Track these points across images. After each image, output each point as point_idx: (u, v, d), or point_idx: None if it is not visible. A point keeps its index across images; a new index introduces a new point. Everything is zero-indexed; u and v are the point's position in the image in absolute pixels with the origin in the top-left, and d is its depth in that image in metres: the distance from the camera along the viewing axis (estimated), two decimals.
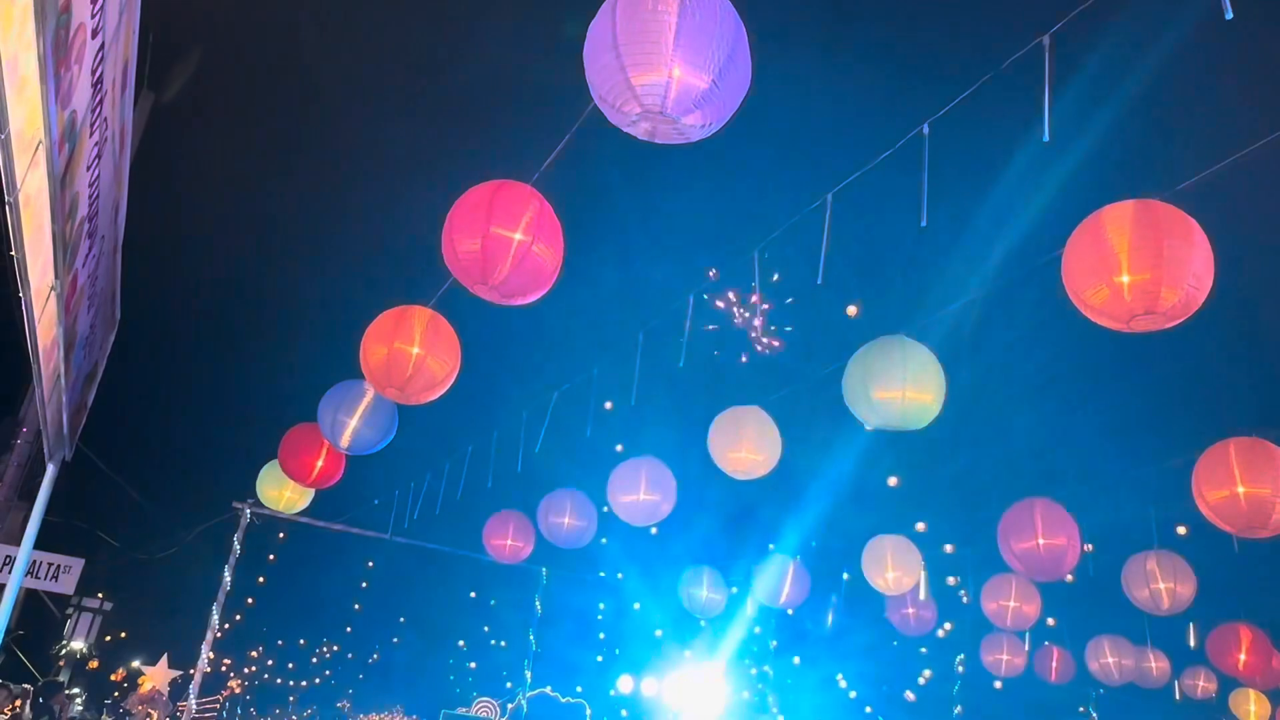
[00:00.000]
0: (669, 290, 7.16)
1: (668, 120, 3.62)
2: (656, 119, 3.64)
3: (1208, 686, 13.47)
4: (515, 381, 10.11)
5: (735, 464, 6.65)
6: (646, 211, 8.43)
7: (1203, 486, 5.96)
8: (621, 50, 3.48)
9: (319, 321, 12.00)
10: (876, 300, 7.56)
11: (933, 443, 7.80)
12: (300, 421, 8.27)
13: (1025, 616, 10.07)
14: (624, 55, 3.48)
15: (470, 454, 9.43)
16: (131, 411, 12.93)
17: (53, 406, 7.30)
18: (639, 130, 3.76)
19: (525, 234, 4.69)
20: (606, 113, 3.77)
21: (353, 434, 6.70)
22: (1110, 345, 5.64)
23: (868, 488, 11.60)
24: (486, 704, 18.86)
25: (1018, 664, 12.57)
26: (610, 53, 3.53)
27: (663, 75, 3.44)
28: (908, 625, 11.45)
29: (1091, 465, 10.28)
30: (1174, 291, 4.06)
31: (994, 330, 7.74)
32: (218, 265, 11.86)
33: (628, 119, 3.70)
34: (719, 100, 3.62)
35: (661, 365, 8.42)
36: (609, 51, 3.53)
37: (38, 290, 5.11)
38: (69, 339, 6.52)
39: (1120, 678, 11.93)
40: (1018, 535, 7.37)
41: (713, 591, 11.23)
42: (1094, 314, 4.21)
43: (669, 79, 3.45)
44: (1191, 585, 8.52)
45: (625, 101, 3.61)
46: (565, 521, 8.97)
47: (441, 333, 5.86)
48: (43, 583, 10.60)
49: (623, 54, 3.48)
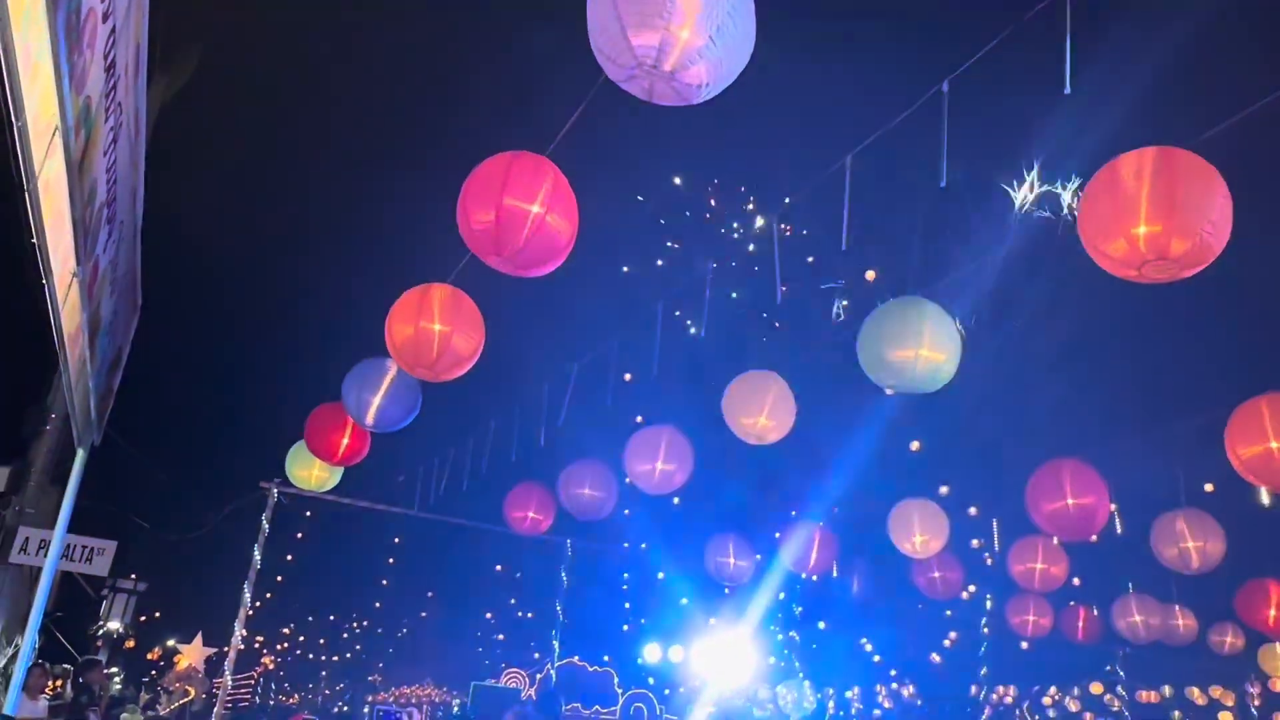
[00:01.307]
0: (687, 259, 7.12)
1: (664, 77, 3.59)
2: (653, 75, 3.61)
3: (1235, 642, 13.41)
4: (536, 355, 10.13)
5: (749, 429, 6.63)
6: (664, 180, 8.38)
7: (1236, 443, 5.90)
8: (620, 6, 3.46)
9: (342, 300, 12.05)
10: (897, 262, 7.49)
11: (958, 406, 7.74)
12: (326, 400, 8.32)
13: (1053, 578, 10.05)
14: (622, 11, 3.46)
15: (493, 428, 9.47)
16: (158, 395, 13.08)
17: (79, 392, 7.38)
18: (636, 88, 3.73)
19: (540, 205, 4.67)
20: (605, 68, 3.74)
21: (377, 411, 6.74)
22: (1139, 303, 5.56)
23: (893, 453, 11.58)
24: (515, 674, 19.07)
25: (1044, 625, 12.56)
26: (609, 9, 3.51)
27: (659, 32, 3.42)
28: (934, 589, 11.45)
29: (1119, 425, 10.19)
30: (1185, 239, 3.99)
31: (1019, 290, 7.66)
32: (238, 248, 11.91)
33: (624, 73, 3.67)
34: (718, 59, 3.57)
35: (681, 335, 8.40)
36: (608, 7, 3.51)
37: (60, 277, 5.14)
38: (93, 325, 6.57)
39: (1147, 636, 11.90)
40: (1047, 496, 7.33)
41: (739, 559, 11.26)
42: (1109, 263, 4.15)
43: (666, 35, 3.42)
44: (1221, 543, 8.45)
45: (622, 56, 3.58)
46: (585, 493, 8.99)
47: (464, 309, 5.87)
48: (77, 565, 10.78)
49: (621, 10, 3.46)
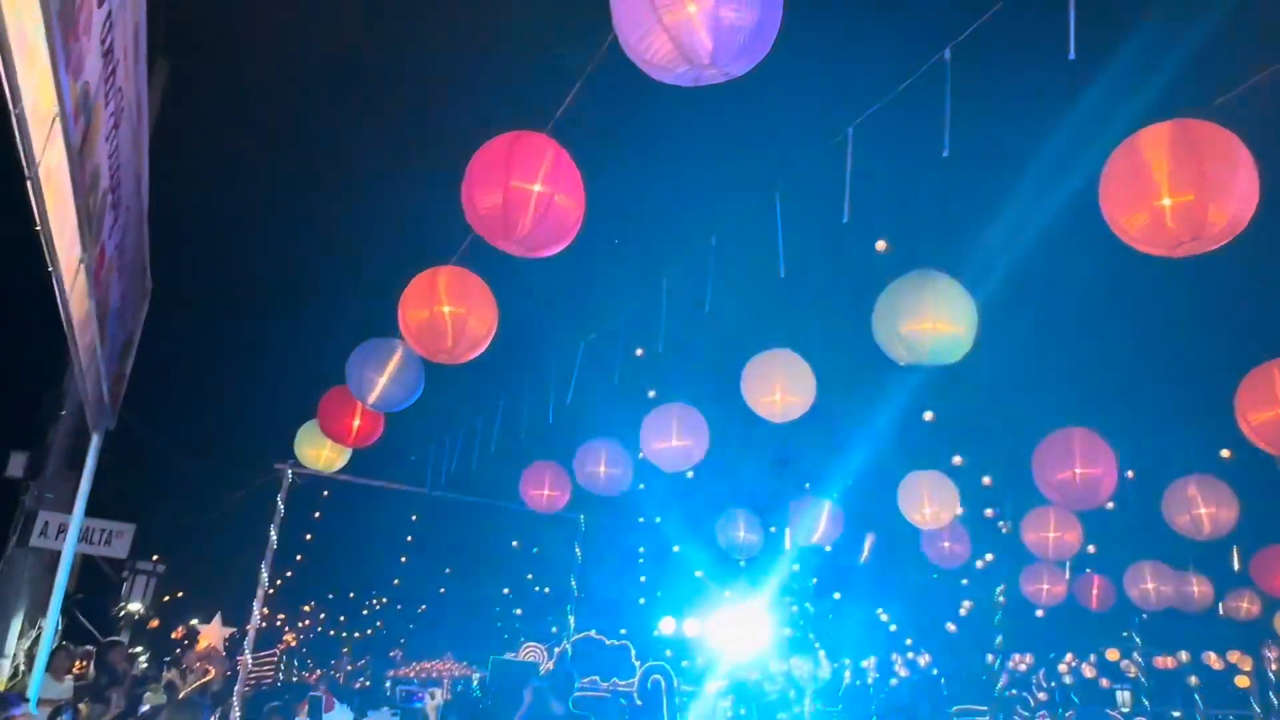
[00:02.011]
0: (690, 233, 7.07)
1: (710, 67, 3.44)
2: (702, 68, 3.45)
3: (1251, 608, 13.40)
4: (545, 332, 10.12)
5: (770, 407, 6.63)
6: (663, 153, 8.30)
7: (1246, 409, 5.84)
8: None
9: (353, 280, 12.04)
10: (906, 234, 7.42)
11: (972, 375, 7.69)
12: (337, 380, 8.34)
13: (1067, 546, 10.04)
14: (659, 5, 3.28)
15: (502, 407, 9.50)
16: (172, 378, 13.14)
17: (91, 378, 7.42)
18: (685, 79, 3.55)
19: (545, 185, 4.64)
20: (640, 65, 3.58)
21: (380, 391, 6.76)
22: (1147, 269, 5.49)
23: (904, 423, 11.54)
24: (533, 648, 19.23)
25: (1058, 593, 12.58)
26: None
27: (697, 8, 3.25)
28: (944, 558, 11.47)
29: (1131, 391, 10.12)
30: (1221, 214, 3.91)
31: (1028, 259, 7.58)
32: (248, 230, 11.90)
33: (670, 71, 3.49)
34: (761, 34, 3.44)
35: (690, 308, 8.37)
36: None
37: (66, 264, 5.15)
38: (102, 311, 6.60)
39: (1160, 603, 11.90)
40: (1054, 465, 7.30)
41: (749, 533, 11.30)
42: (1135, 242, 4.08)
43: (706, 13, 3.25)
44: (1233, 510, 8.40)
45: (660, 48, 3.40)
46: (601, 470, 9.04)
47: (476, 289, 5.85)
48: (96, 548, 10.91)
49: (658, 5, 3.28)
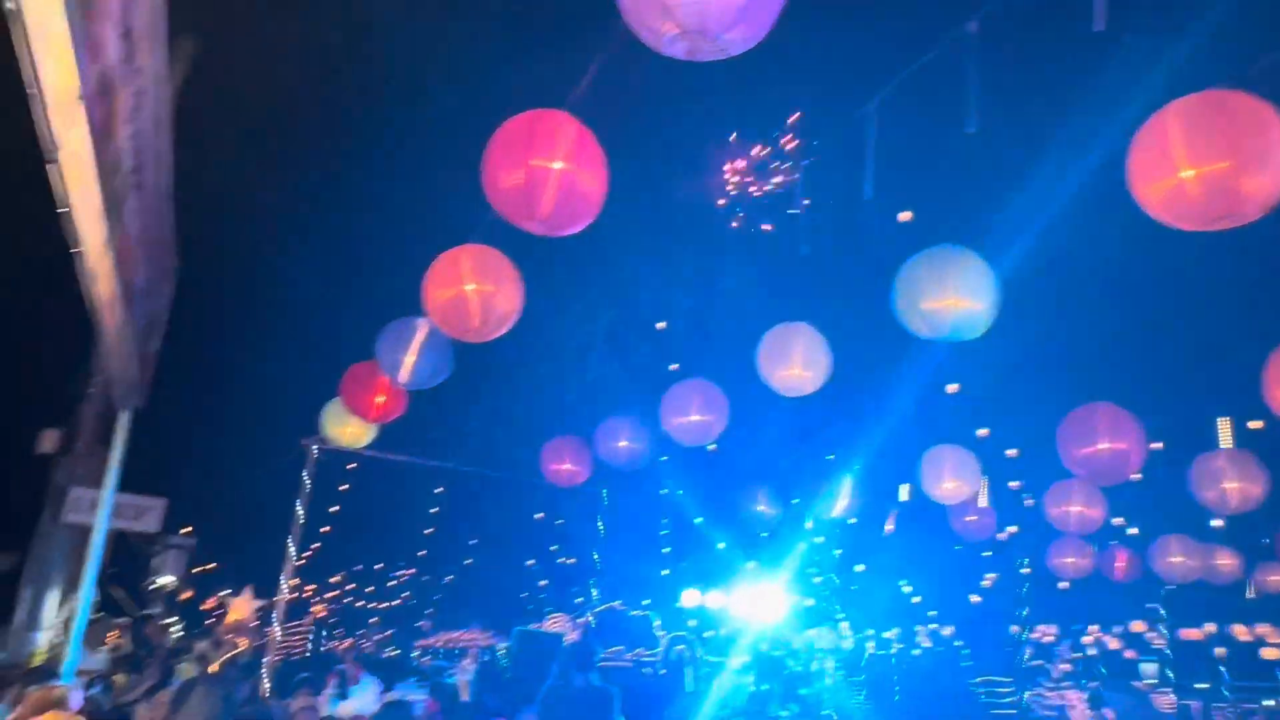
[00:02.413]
0: (712, 208, 7.03)
1: (707, 39, 3.44)
2: (695, 38, 3.47)
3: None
4: (566, 309, 10.13)
5: (785, 381, 6.61)
6: (688, 128, 8.24)
7: (1275, 385, 5.76)
8: None
9: (379, 258, 12.07)
10: (929, 209, 7.34)
11: (998, 348, 7.63)
12: (361, 356, 8.39)
13: (1090, 520, 9.97)
14: None
15: (525, 383, 9.54)
16: (200, 357, 13.27)
17: (118, 358, 7.50)
18: (678, 50, 3.59)
19: (567, 163, 4.61)
20: (640, 34, 3.60)
21: (411, 370, 6.80)
22: (1175, 242, 5.40)
23: (929, 396, 11.48)
24: (558, 619, 19.43)
25: (1084, 566, 12.52)
26: None
27: None
28: (968, 531, 11.44)
29: (1158, 365, 9.99)
30: (1259, 186, 3.83)
31: (1055, 233, 7.47)
32: (274, 209, 11.95)
33: (663, 40, 3.53)
34: (759, 9, 3.43)
35: (712, 281, 8.34)
36: None
37: (91, 246, 5.20)
38: (127, 292, 6.65)
39: (1187, 576, 11.82)
40: (1079, 440, 7.24)
41: (769, 506, 11.33)
42: (1164, 216, 4.00)
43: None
44: (1262, 484, 8.31)
45: (660, 20, 3.44)
46: (622, 445, 9.07)
47: (501, 267, 5.84)
48: (128, 523, 11.10)
49: None
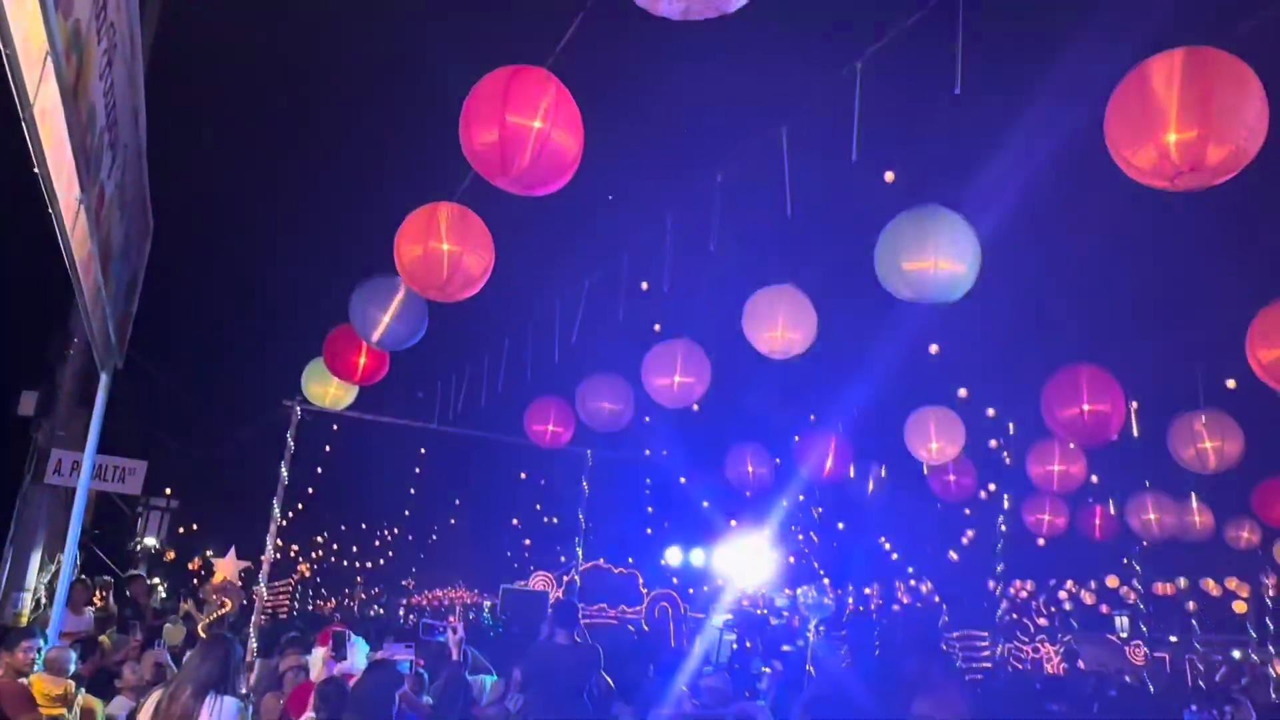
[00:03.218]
0: (695, 169, 6.97)
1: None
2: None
3: (1251, 538, 13.55)
4: (548, 268, 10.07)
5: (771, 343, 6.63)
6: (667, 88, 8.14)
7: (1257, 346, 5.81)
8: None
9: (356, 216, 11.94)
10: (912, 170, 7.31)
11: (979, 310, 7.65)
12: (344, 318, 8.34)
13: (1071, 478, 10.11)
14: None
15: (508, 344, 9.51)
16: (177, 317, 13.17)
17: (97, 318, 7.43)
18: (673, 11, 3.52)
19: (543, 121, 4.57)
20: None
21: (384, 330, 6.76)
22: (1158, 203, 5.42)
23: (911, 356, 11.52)
24: (543, 577, 19.60)
25: (1060, 524, 12.70)
26: None
27: None
28: (948, 491, 11.57)
29: (1142, 326, 10.07)
30: (1222, 147, 3.83)
31: (1037, 193, 7.47)
32: (250, 166, 11.77)
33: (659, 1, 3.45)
34: None
35: (694, 243, 8.31)
36: None
37: (66, 204, 5.13)
38: (104, 251, 6.58)
39: (1162, 533, 12.02)
40: (1062, 401, 7.31)
41: (758, 467, 11.40)
42: (1138, 174, 4.02)
43: None
44: (1239, 443, 8.43)
45: None
46: (604, 406, 9.08)
47: (473, 227, 5.80)
48: (110, 485, 11.08)
49: None
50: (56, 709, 6.04)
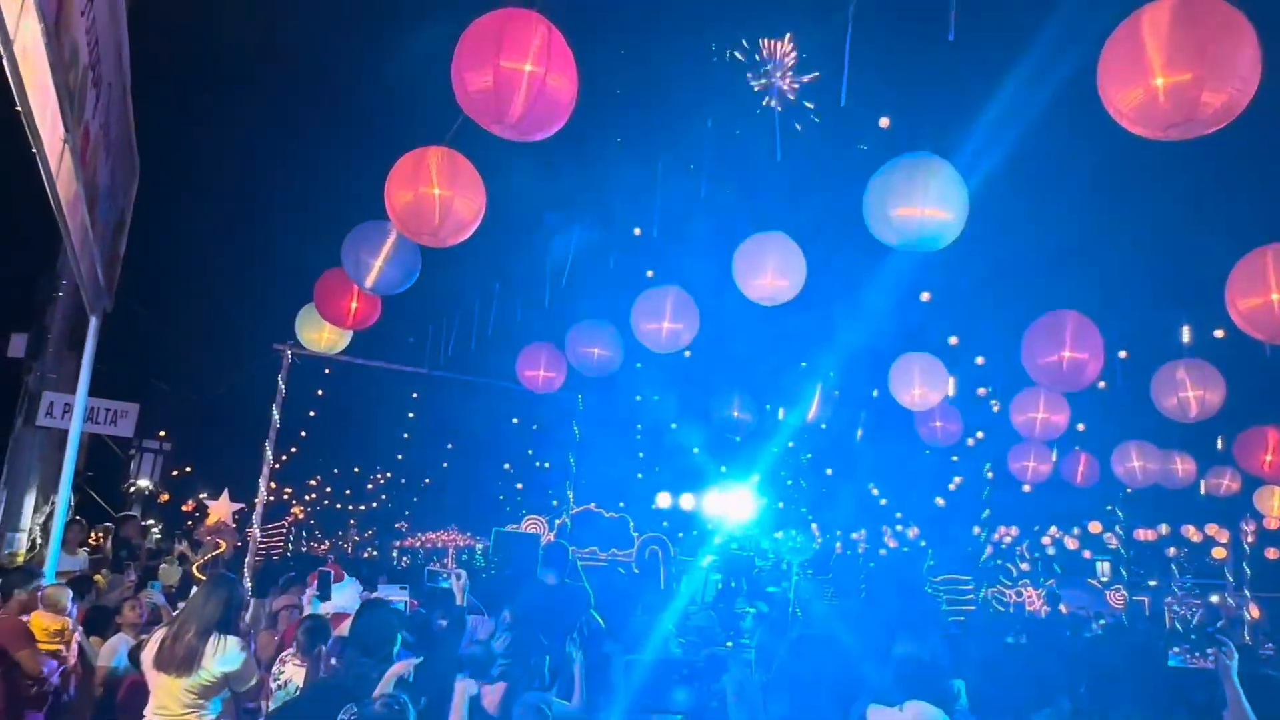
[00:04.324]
0: (687, 114, 6.92)
1: None
2: None
3: (1232, 485, 13.77)
4: (539, 213, 10.02)
5: (760, 290, 6.64)
6: (660, 34, 8.03)
7: (1236, 295, 5.86)
8: None
9: (346, 159, 11.82)
10: (903, 117, 7.28)
11: (966, 256, 7.68)
12: (335, 260, 8.30)
13: (1053, 426, 10.21)
14: None
15: (498, 290, 9.50)
16: (166, 259, 13.07)
17: (85, 260, 7.40)
18: None
19: (537, 66, 4.51)
20: None
21: (377, 275, 6.74)
22: (1144, 153, 5.42)
23: (900, 303, 11.57)
24: (535, 521, 19.80)
25: (1043, 471, 12.87)
26: None
27: None
28: (934, 437, 11.69)
29: (1124, 275, 10.12)
30: (1216, 96, 3.82)
31: (1027, 142, 7.45)
32: (237, 104, 11.61)
33: None
34: None
35: (688, 189, 8.27)
36: None
37: (50, 144, 5.08)
38: (91, 192, 6.53)
39: (1145, 481, 12.21)
40: (1042, 348, 7.36)
41: (743, 412, 11.48)
42: (1128, 122, 4.01)
43: None
44: (1220, 392, 8.52)
45: None
46: (594, 352, 9.10)
47: (463, 171, 5.76)
48: (102, 427, 11.10)
49: None
50: (54, 644, 6.16)
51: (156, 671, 4.98)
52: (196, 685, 4.95)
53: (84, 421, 9.13)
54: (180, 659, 4.94)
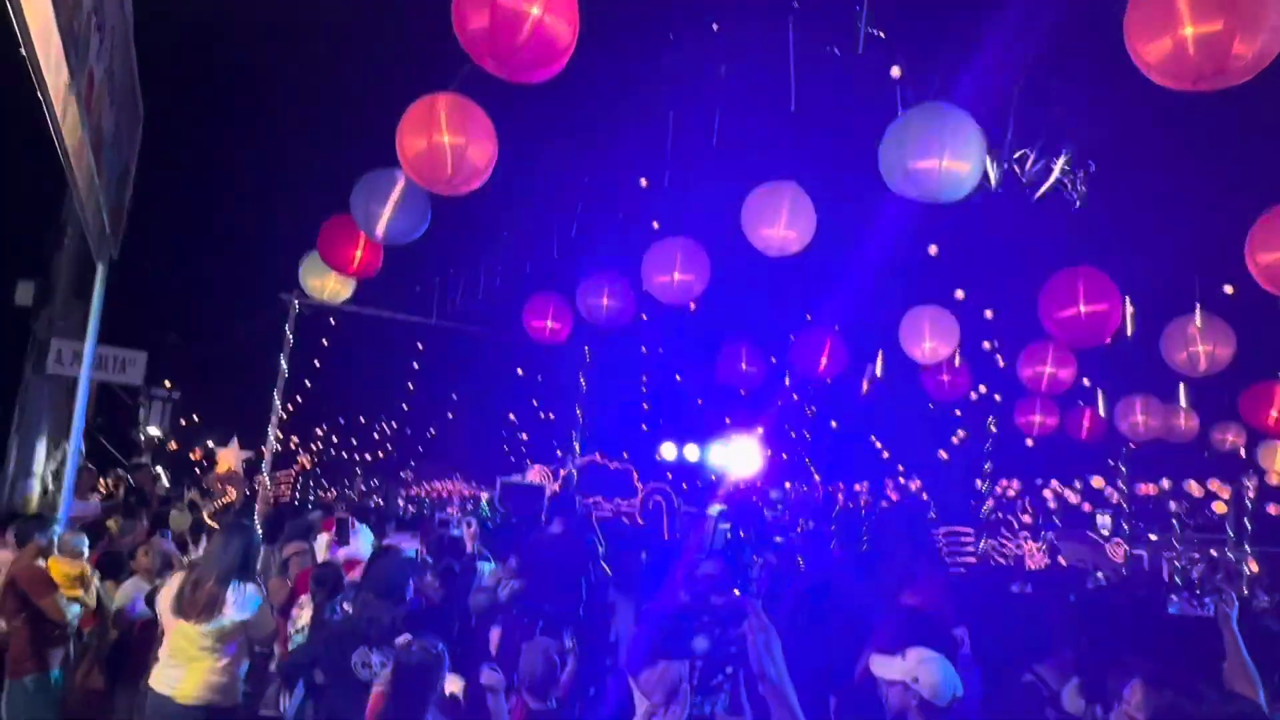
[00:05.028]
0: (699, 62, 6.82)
1: None
2: None
3: (1236, 441, 13.80)
4: (548, 163, 9.91)
5: (769, 241, 6.60)
6: None
7: (1256, 249, 5.80)
8: None
9: (352, 105, 11.66)
10: (920, 64, 7.15)
11: (977, 209, 7.59)
12: (339, 208, 8.24)
13: (1060, 381, 10.21)
14: None
15: (507, 239, 9.45)
16: (172, 207, 13.00)
17: (91, 208, 7.37)
18: None
19: (536, 6, 4.45)
20: None
21: (386, 224, 6.70)
22: (1163, 102, 5.33)
23: (908, 257, 11.48)
24: (540, 471, 19.94)
25: (1049, 425, 12.90)
26: None
27: None
28: (942, 391, 11.71)
29: (1138, 228, 10.01)
30: (1248, 46, 3.73)
31: (1043, 92, 7.33)
32: (240, 51, 11.43)
33: None
34: None
35: (695, 140, 8.18)
36: None
37: (55, 89, 5.03)
38: (96, 137, 6.49)
39: (1148, 435, 12.23)
40: (1059, 303, 7.33)
41: (750, 365, 11.49)
42: (1156, 75, 3.93)
43: None
44: (1231, 347, 8.51)
45: None
46: (603, 303, 9.07)
47: (475, 118, 5.70)
48: (111, 375, 11.15)
49: None
50: (75, 589, 6.26)
51: (175, 617, 5.07)
52: (215, 631, 5.05)
53: (93, 369, 9.18)
54: (202, 606, 5.03)
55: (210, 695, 5.04)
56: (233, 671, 5.16)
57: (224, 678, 5.09)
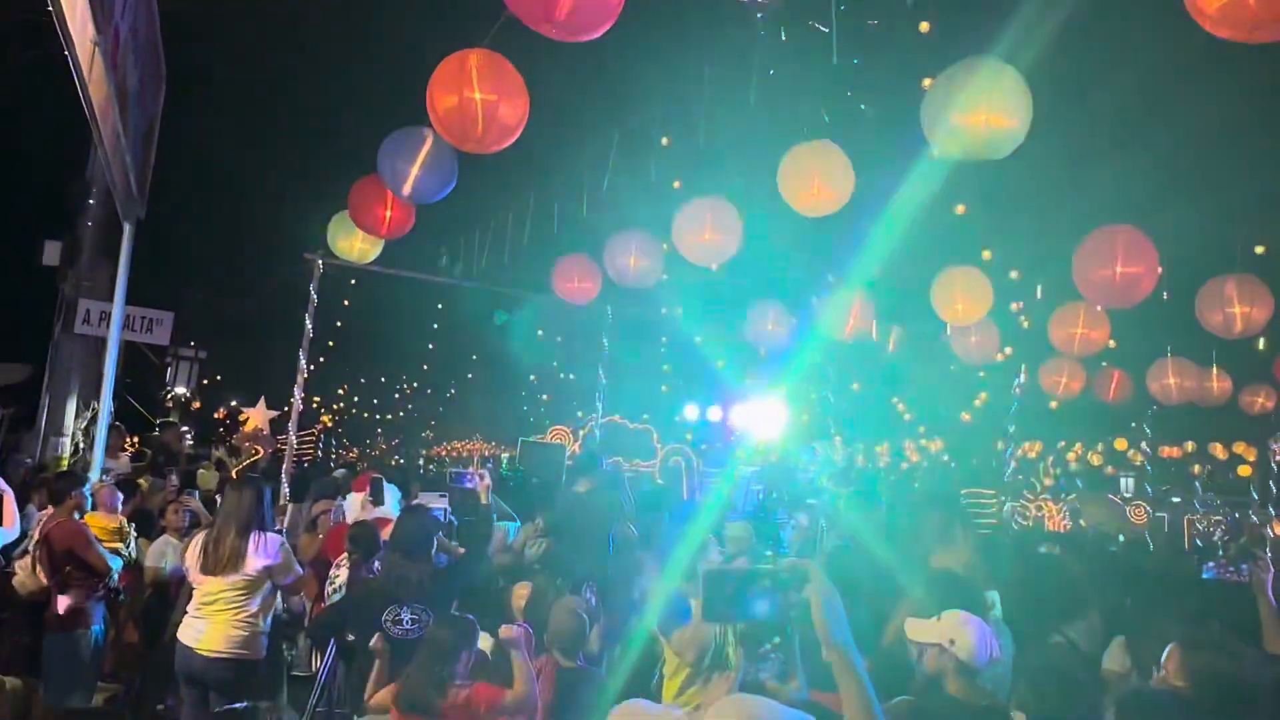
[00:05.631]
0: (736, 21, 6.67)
1: None
2: None
3: (1266, 404, 13.64)
4: (577, 121, 9.77)
5: (807, 201, 6.50)
6: None
7: None
8: None
9: (384, 61, 11.51)
10: (961, 19, 6.96)
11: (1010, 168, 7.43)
12: (368, 169, 8.18)
13: (1093, 342, 10.09)
14: None
15: (533, 200, 9.36)
16: (195, 168, 12.95)
17: (118, 167, 7.36)
18: None
19: None
20: None
21: (414, 182, 6.65)
22: (1208, 57, 5.17)
23: (938, 216, 11.30)
24: (560, 431, 19.96)
25: (1075, 387, 12.77)
26: None
27: None
28: (969, 352, 11.59)
29: (1175, 188, 9.80)
30: None
31: (1083, 47, 7.13)
32: (265, 8, 11.29)
33: None
34: None
35: (729, 99, 8.02)
36: None
37: (81, 46, 5.01)
38: (121, 95, 6.45)
39: (1180, 398, 12.10)
40: (1095, 263, 7.22)
41: (777, 326, 11.42)
42: (1211, 23, 3.80)
43: None
44: (1268, 308, 8.37)
45: None
46: (632, 262, 9.01)
47: (506, 75, 5.61)
48: (139, 335, 11.22)
49: None
50: (115, 542, 6.35)
51: (202, 575, 5.16)
52: (242, 581, 5.15)
53: (121, 329, 9.23)
54: (225, 560, 5.13)
55: (233, 647, 5.13)
56: (256, 624, 5.24)
57: (246, 630, 5.18)
